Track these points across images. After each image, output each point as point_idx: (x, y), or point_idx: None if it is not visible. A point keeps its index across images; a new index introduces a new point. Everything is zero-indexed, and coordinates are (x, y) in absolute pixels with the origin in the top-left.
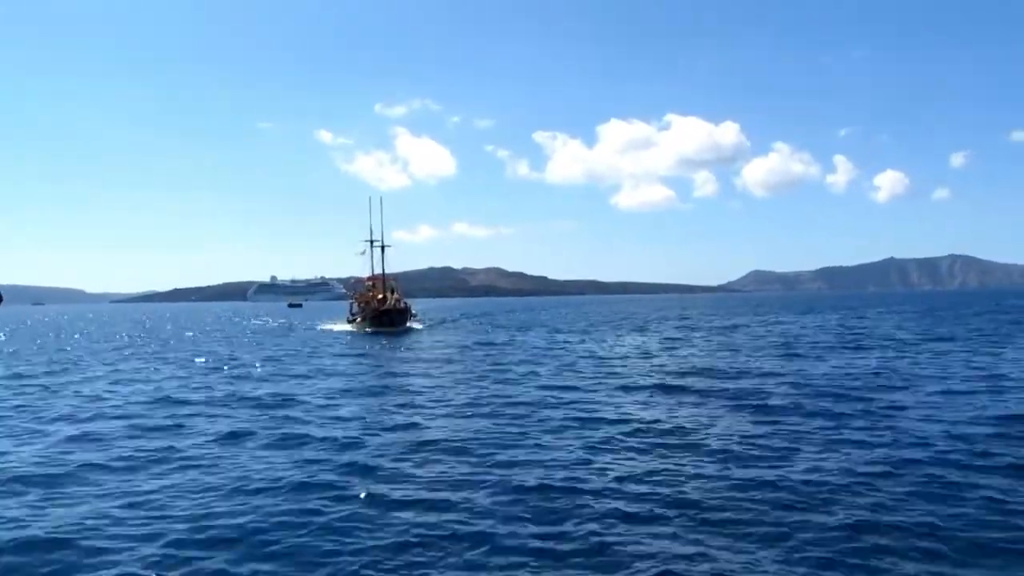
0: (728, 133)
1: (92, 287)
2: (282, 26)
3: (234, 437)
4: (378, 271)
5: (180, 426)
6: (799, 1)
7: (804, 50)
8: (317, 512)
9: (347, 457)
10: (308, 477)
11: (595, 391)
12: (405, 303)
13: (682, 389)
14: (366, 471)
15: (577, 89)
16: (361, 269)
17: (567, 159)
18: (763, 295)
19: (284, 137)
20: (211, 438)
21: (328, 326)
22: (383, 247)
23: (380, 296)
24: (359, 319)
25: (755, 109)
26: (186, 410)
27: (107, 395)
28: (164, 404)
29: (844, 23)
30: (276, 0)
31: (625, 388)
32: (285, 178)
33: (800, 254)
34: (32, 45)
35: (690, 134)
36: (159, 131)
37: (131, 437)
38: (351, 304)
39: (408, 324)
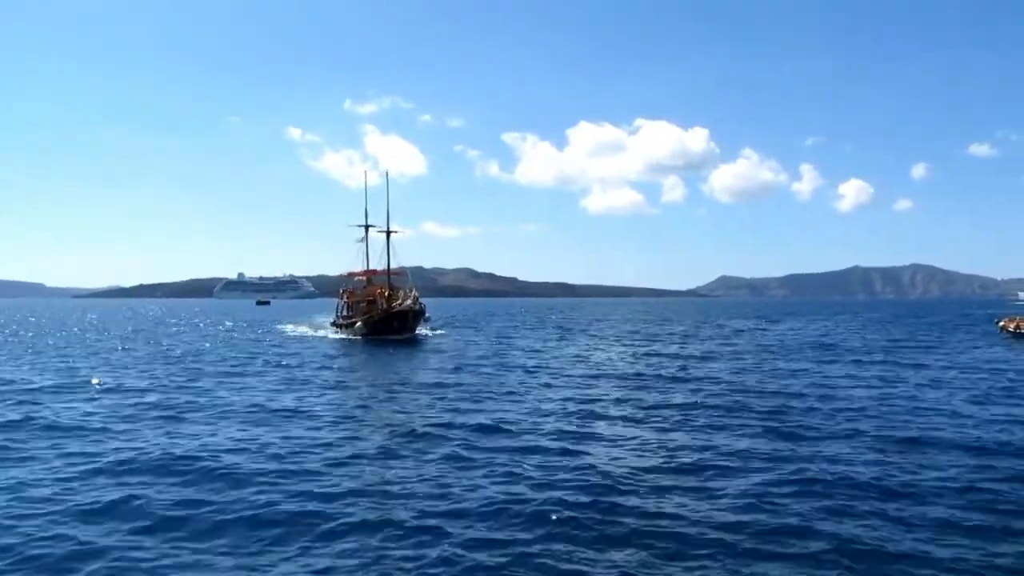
0: (698, 139)
1: (53, 281)
2: (251, 21)
3: None
4: (375, 264)
5: None
6: (767, 10)
7: (772, 58)
8: None
9: None
10: None
11: None
12: (422, 304)
13: None
14: None
15: (548, 91)
16: (351, 264)
17: (537, 161)
18: (731, 300)
19: (252, 133)
20: None
21: (308, 330)
22: (388, 233)
23: (387, 294)
24: (358, 323)
25: (725, 116)
26: None
27: None
28: None
29: (810, 34)
30: None
31: None
32: (253, 174)
33: (767, 260)
34: None
35: (660, 139)
36: (124, 124)
37: None
38: (339, 304)
39: (417, 329)
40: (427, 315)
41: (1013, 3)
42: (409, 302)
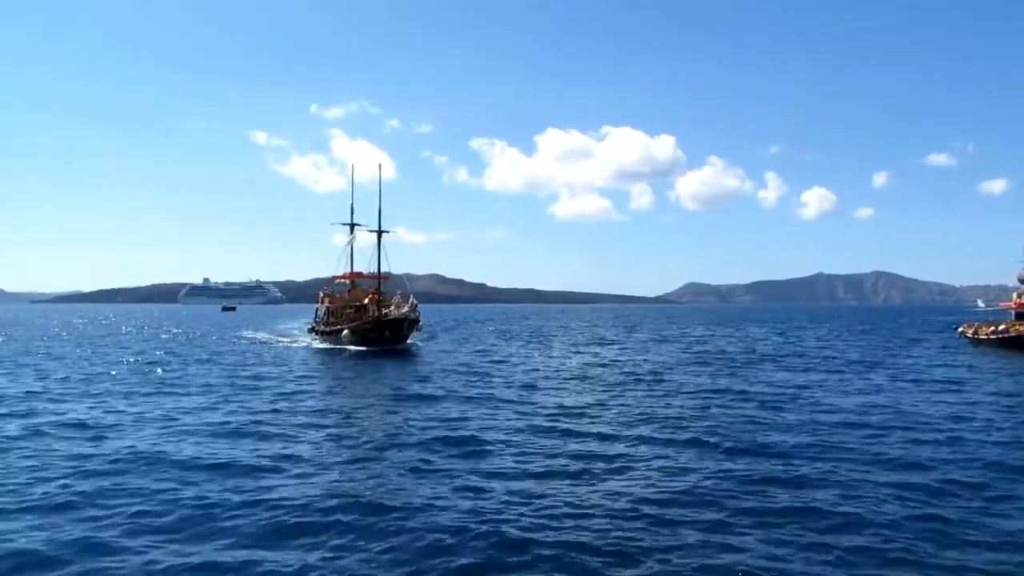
0: (665, 146)
1: (11, 286)
2: (215, 22)
3: None
4: (359, 266)
5: None
6: (732, 20)
7: (736, 66)
8: None
9: None
10: None
11: None
12: (417, 312)
13: None
14: None
15: (516, 97)
16: (323, 268)
17: (505, 167)
18: (698, 307)
19: (216, 136)
20: None
21: (283, 339)
22: (380, 233)
23: (377, 299)
24: (345, 330)
25: (691, 123)
26: None
27: None
28: None
29: (774, 43)
30: None
31: None
32: (218, 178)
33: (734, 267)
34: None
35: (627, 146)
36: (86, 127)
37: None
38: (318, 309)
39: (409, 339)
40: (420, 326)
41: (969, 17)
42: (406, 309)
